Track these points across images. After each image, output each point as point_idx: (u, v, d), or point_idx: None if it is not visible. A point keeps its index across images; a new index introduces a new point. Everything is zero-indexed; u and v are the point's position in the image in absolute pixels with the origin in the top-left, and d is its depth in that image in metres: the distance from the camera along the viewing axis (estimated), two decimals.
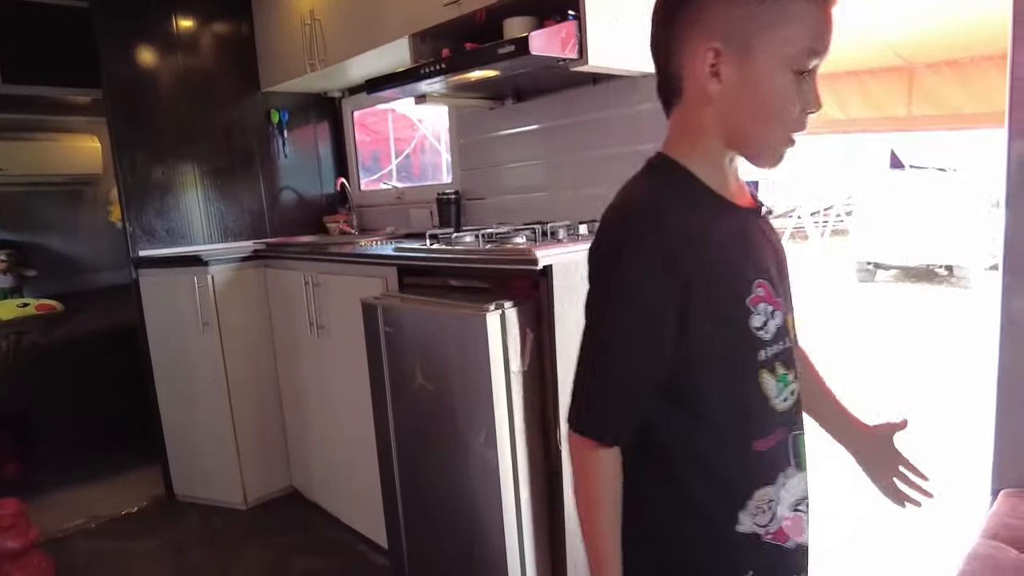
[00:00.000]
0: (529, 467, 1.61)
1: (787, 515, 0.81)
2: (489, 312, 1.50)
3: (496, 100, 2.34)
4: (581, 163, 2.15)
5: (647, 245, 0.73)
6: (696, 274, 0.73)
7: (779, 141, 0.76)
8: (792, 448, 0.82)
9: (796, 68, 0.72)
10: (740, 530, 0.79)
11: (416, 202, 2.79)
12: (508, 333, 1.54)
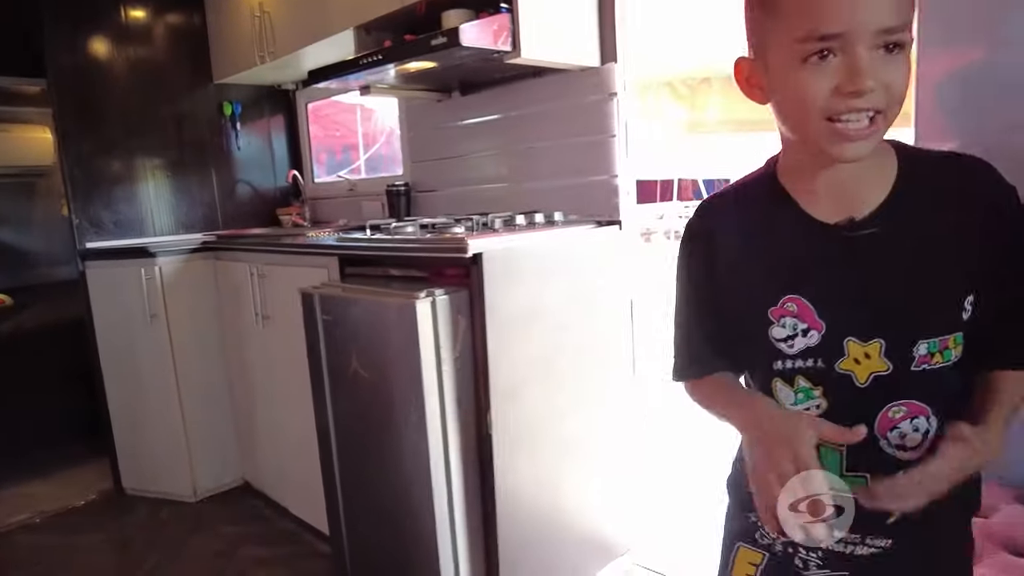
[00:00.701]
0: (461, 451, 1.63)
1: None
2: (419, 300, 1.52)
3: (443, 92, 2.36)
4: (527, 155, 2.18)
5: (691, 229, 0.86)
6: (723, 267, 0.82)
7: (824, 131, 0.70)
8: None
9: (807, 55, 0.68)
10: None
11: (368, 194, 2.80)
12: (439, 320, 1.56)
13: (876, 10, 0.65)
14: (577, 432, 1.85)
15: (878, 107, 0.68)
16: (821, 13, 0.66)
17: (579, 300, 1.82)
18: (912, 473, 0.71)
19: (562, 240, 1.79)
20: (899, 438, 0.77)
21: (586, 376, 1.86)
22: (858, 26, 0.65)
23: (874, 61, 0.66)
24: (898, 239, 0.74)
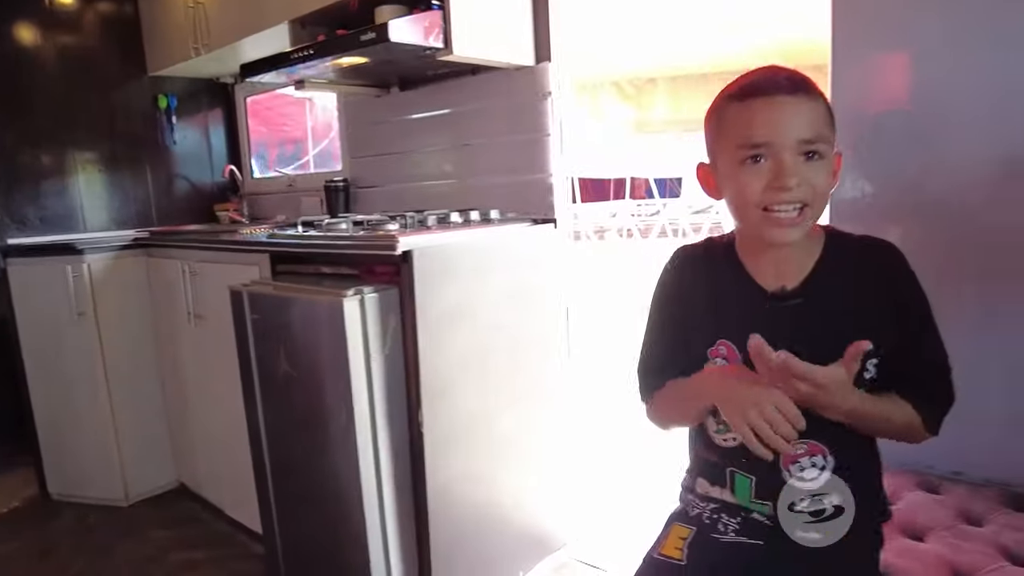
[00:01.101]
0: (392, 449, 1.62)
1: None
2: (347, 298, 1.50)
3: (382, 88, 2.34)
4: (465, 152, 2.17)
5: (666, 272, 1.04)
6: (683, 306, 1.00)
7: (760, 219, 0.88)
8: (730, 480, 0.99)
9: (744, 158, 0.87)
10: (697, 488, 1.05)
11: (307, 190, 2.76)
12: (368, 319, 1.54)
13: (794, 127, 0.85)
14: (512, 429, 1.85)
15: (804, 201, 0.86)
16: (753, 127, 0.86)
17: (513, 298, 1.82)
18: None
19: (496, 238, 1.79)
20: (799, 471, 0.93)
21: (521, 373, 1.87)
22: (780, 137, 0.85)
23: (797, 164, 0.85)
24: (815, 307, 0.90)
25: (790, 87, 0.86)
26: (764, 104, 0.86)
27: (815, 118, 0.86)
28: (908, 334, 0.90)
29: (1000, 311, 1.33)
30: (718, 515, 1.01)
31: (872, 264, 0.92)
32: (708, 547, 0.99)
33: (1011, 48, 1.29)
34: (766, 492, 0.95)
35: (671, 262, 1.05)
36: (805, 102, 0.86)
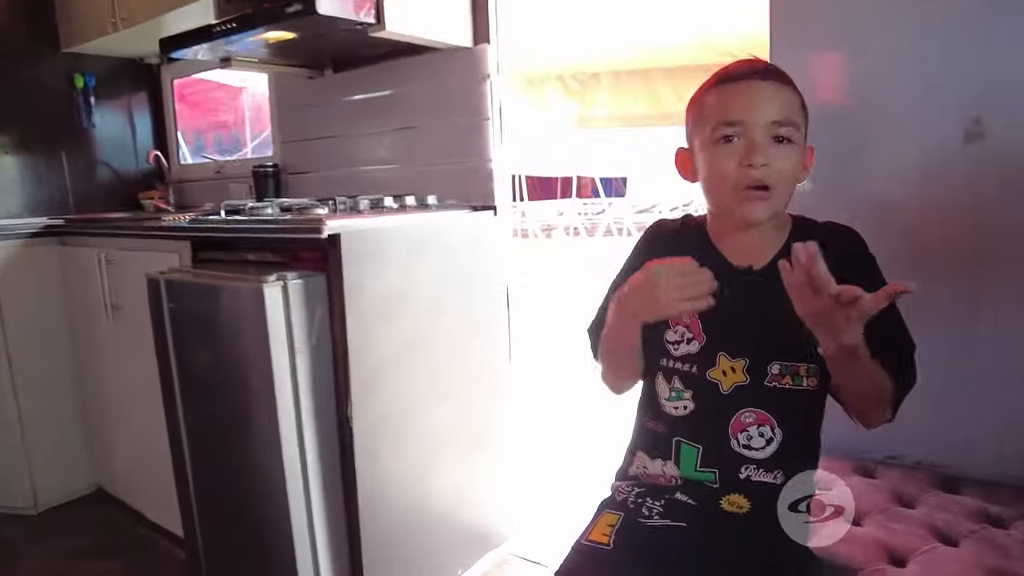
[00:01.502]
0: (319, 444, 1.53)
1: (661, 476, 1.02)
2: (268, 285, 1.41)
3: (315, 69, 2.23)
4: (403, 137, 2.10)
5: (635, 246, 1.08)
6: (636, 257, 1.04)
7: (730, 197, 0.93)
8: (675, 450, 1.00)
9: (718, 138, 0.93)
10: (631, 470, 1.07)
11: (236, 177, 2.62)
12: (292, 307, 1.45)
13: (765, 108, 0.91)
14: (449, 421, 1.78)
15: (770, 183, 0.91)
16: (728, 107, 0.93)
17: (451, 286, 1.75)
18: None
19: (433, 224, 1.71)
20: (747, 439, 0.95)
21: (459, 364, 1.80)
22: (752, 116, 0.91)
23: (766, 145, 0.90)
24: (777, 285, 0.87)
25: (764, 74, 0.93)
26: (739, 87, 0.93)
27: (785, 103, 0.92)
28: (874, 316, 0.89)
29: (925, 304, 1.35)
30: (642, 499, 1.02)
31: (835, 247, 0.91)
32: (635, 532, 0.99)
33: (939, 40, 1.31)
34: (712, 460, 0.97)
35: (645, 234, 1.09)
36: (777, 87, 0.93)
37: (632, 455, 1.08)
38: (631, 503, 1.03)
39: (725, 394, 0.96)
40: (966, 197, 1.32)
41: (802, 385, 0.95)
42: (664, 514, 1.00)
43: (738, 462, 0.96)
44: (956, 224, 1.34)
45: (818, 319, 0.82)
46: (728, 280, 0.95)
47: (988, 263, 1.31)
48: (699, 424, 0.98)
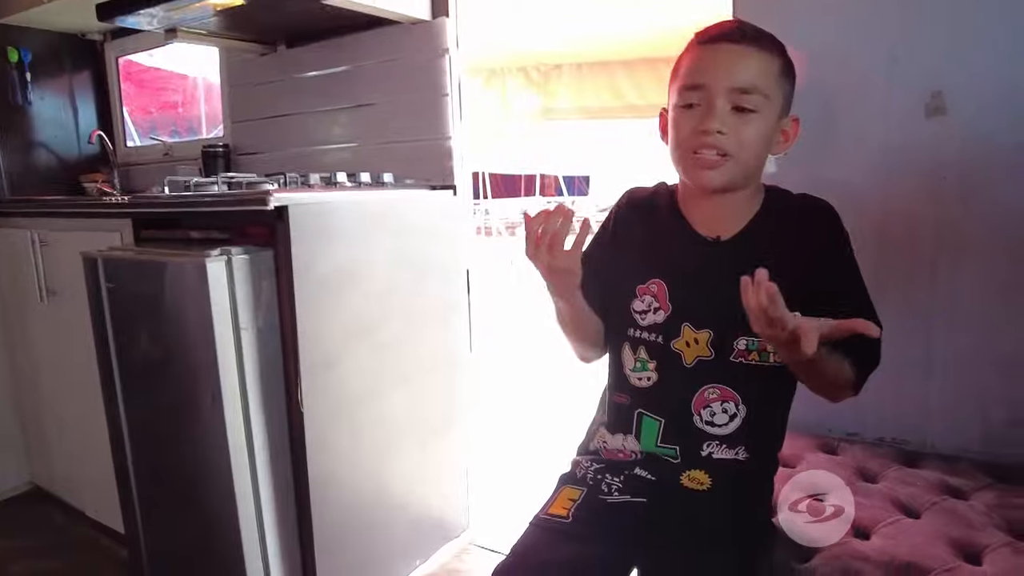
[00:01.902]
0: (268, 431, 1.45)
1: (621, 451, 1.01)
2: (211, 259, 1.32)
3: (267, 45, 2.14)
4: (359, 115, 2.02)
5: (609, 213, 1.06)
6: (621, 240, 1.02)
7: (688, 161, 0.90)
8: (636, 422, 0.99)
9: (684, 103, 0.90)
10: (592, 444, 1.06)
11: (185, 158, 2.50)
12: (237, 283, 1.36)
13: (728, 73, 0.87)
14: (406, 407, 1.72)
15: (726, 150, 0.87)
16: (692, 70, 0.90)
17: (408, 267, 1.68)
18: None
19: (388, 201, 1.64)
20: (710, 416, 0.94)
21: (416, 348, 1.73)
22: (712, 80, 0.87)
23: (725, 112, 0.87)
24: (747, 254, 0.90)
25: (737, 36, 0.88)
26: (708, 49, 0.90)
27: (754, 68, 0.87)
28: (840, 291, 0.90)
29: (888, 285, 1.37)
30: (601, 475, 1.01)
31: (807, 220, 0.93)
32: (595, 507, 0.99)
33: (899, 15, 1.31)
34: (673, 436, 0.96)
35: (618, 202, 1.06)
36: (748, 51, 0.88)
37: (595, 431, 1.07)
38: (591, 479, 1.02)
39: (688, 367, 0.94)
40: (929, 174, 1.32)
41: (768, 361, 0.92)
42: (624, 490, 0.99)
43: (700, 438, 0.95)
44: (919, 203, 1.33)
45: (772, 341, 0.79)
46: (696, 250, 0.95)
47: (949, 244, 1.31)
48: (662, 396, 0.96)
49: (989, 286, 1.28)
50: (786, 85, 0.91)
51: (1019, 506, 1.06)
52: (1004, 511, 1.05)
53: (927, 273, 1.34)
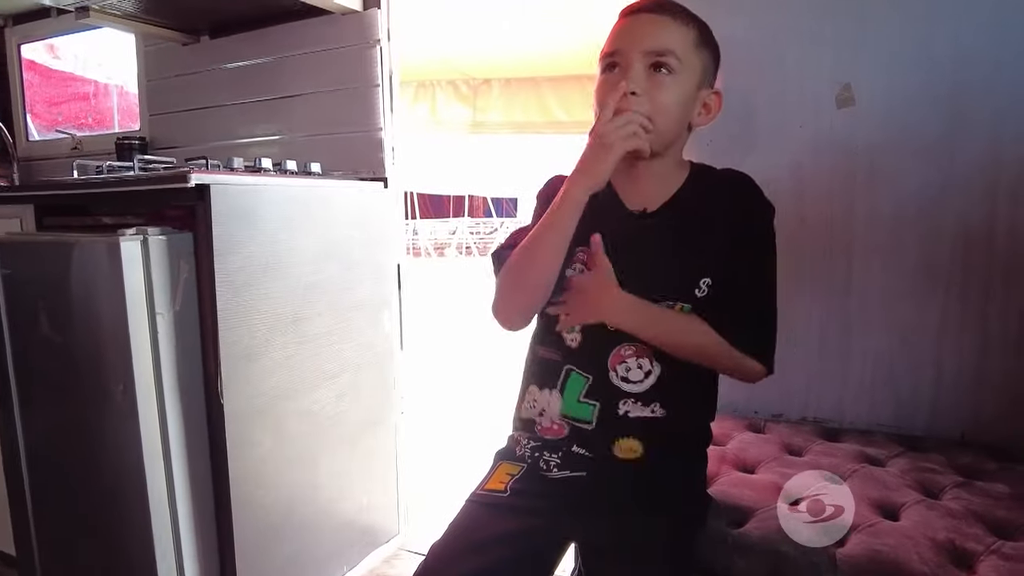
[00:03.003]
0: (184, 427, 1.35)
1: (554, 422, 1.00)
2: (126, 239, 1.24)
3: (190, 35, 2.05)
4: (286, 107, 1.96)
5: (538, 199, 1.06)
6: (541, 210, 0.97)
7: (607, 125, 0.88)
8: (563, 378, 0.99)
9: (604, 67, 0.94)
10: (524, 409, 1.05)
11: (97, 152, 2.35)
12: (154, 266, 1.28)
13: (643, 37, 0.91)
14: (334, 405, 1.65)
15: (644, 112, 0.89)
16: (613, 40, 0.94)
17: (336, 257, 1.63)
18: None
19: (316, 190, 1.59)
20: (625, 371, 0.96)
21: (344, 342, 1.67)
22: (628, 45, 0.92)
23: (640, 75, 0.90)
24: (668, 227, 0.96)
25: (655, 7, 0.93)
26: (627, 20, 0.94)
27: (670, 34, 0.91)
28: (742, 261, 0.93)
29: (804, 272, 1.44)
30: (539, 452, 1.01)
31: (727, 192, 0.96)
32: (534, 480, 1.00)
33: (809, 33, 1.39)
34: (595, 392, 0.97)
35: (543, 189, 1.07)
36: (664, 19, 0.92)
37: (524, 391, 1.06)
38: (528, 457, 1.02)
39: (610, 328, 0.95)
40: (841, 163, 1.38)
41: None
42: (562, 465, 0.99)
43: (616, 395, 0.96)
44: (833, 192, 1.40)
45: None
46: (623, 221, 0.98)
47: (862, 225, 1.38)
48: (586, 355, 0.98)
49: (900, 269, 1.36)
50: (704, 55, 0.95)
51: (928, 469, 1.15)
52: (916, 474, 1.13)
53: (843, 260, 1.41)
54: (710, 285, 0.93)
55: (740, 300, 0.92)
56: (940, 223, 1.32)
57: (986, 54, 1.25)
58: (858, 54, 1.34)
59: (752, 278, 0.94)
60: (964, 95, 1.27)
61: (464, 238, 12.33)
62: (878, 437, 1.31)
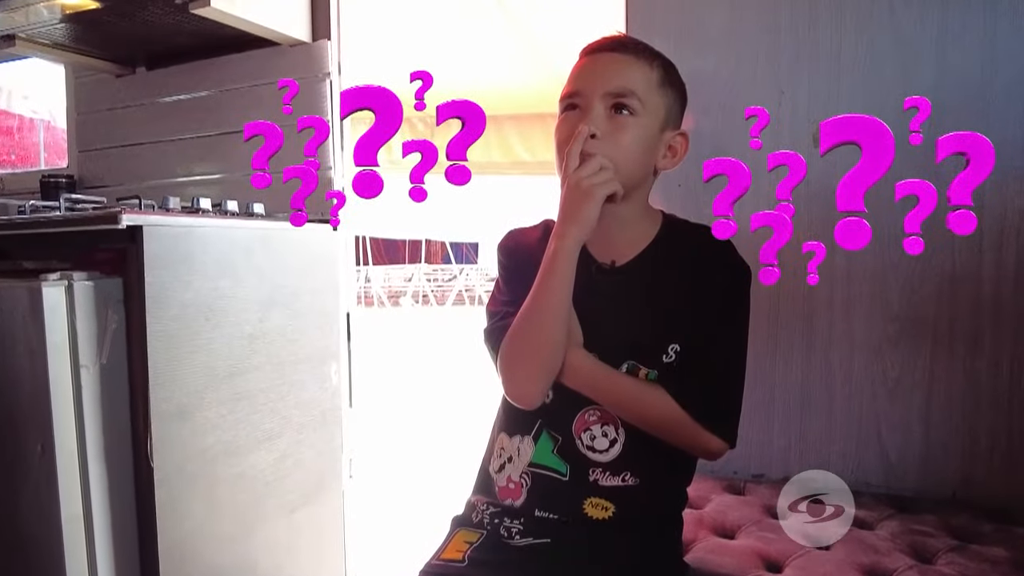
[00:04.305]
0: (108, 493, 1.35)
1: (515, 479, 1.00)
2: (48, 284, 1.25)
3: (124, 66, 2.10)
4: (228, 144, 2.01)
5: (500, 260, 1.09)
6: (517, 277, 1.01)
7: (578, 172, 0.90)
8: (536, 429, 1.00)
9: (563, 109, 0.97)
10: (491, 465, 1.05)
11: (20, 192, 2.36)
12: (79, 314, 1.29)
13: (602, 78, 0.94)
14: (274, 469, 1.65)
15: (606, 154, 0.91)
16: (573, 79, 0.98)
17: (280, 305, 1.65)
18: None
19: (258, 233, 1.62)
20: (590, 440, 0.97)
21: (287, 399, 1.69)
22: (587, 86, 0.94)
23: (601, 116, 0.93)
24: (636, 284, 0.98)
25: (616, 45, 0.97)
26: (588, 59, 0.98)
27: (631, 74, 0.94)
28: (709, 327, 0.95)
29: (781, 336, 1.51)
30: (499, 519, 1.00)
31: (700, 252, 0.97)
32: (494, 549, 0.99)
33: (784, 73, 1.49)
34: (565, 456, 0.98)
35: (503, 244, 1.10)
36: (626, 58, 0.95)
37: (493, 442, 1.06)
38: (488, 524, 1.02)
39: (572, 389, 0.96)
40: (818, 207, 1.46)
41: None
42: (525, 532, 0.98)
43: (585, 464, 0.97)
44: (810, 233, 1.47)
45: None
46: (589, 274, 0.98)
47: (842, 272, 1.45)
48: (556, 415, 0.99)
49: (882, 317, 1.43)
50: (668, 95, 0.97)
51: (920, 532, 1.19)
52: (907, 537, 1.17)
53: (824, 310, 1.47)
54: (678, 352, 0.95)
55: (704, 369, 0.93)
56: (924, 268, 1.38)
57: (967, 95, 1.35)
58: (831, 93, 1.44)
59: (719, 347, 0.95)
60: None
61: (421, 285, 12.33)
62: (866, 498, 1.33)
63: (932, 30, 1.40)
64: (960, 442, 1.38)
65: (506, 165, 4.51)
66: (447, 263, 13.88)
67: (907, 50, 1.41)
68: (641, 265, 0.99)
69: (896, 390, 1.42)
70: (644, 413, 0.93)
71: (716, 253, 0.94)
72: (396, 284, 12.64)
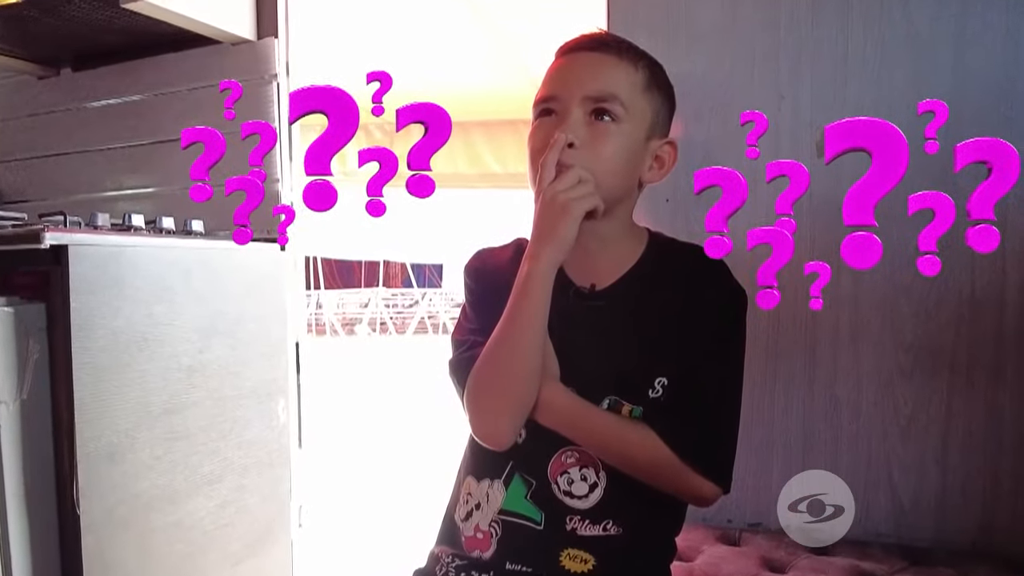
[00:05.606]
0: (29, 544, 1.34)
1: (483, 528, 1.00)
2: None
3: (48, 67, 2.13)
4: (163, 153, 2.02)
5: (467, 285, 1.10)
6: (480, 294, 1.05)
7: (553, 187, 0.89)
8: (507, 472, 1.00)
9: (538, 114, 0.98)
10: (457, 512, 1.05)
11: None
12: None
13: (580, 81, 0.94)
14: (215, 517, 1.66)
15: (584, 166, 0.90)
16: (549, 82, 0.98)
17: (221, 334, 1.67)
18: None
19: (197, 253, 1.64)
20: (567, 484, 0.97)
21: (229, 438, 1.70)
22: (564, 91, 0.94)
23: (579, 123, 0.93)
24: (619, 310, 0.98)
25: (596, 44, 0.97)
26: (565, 59, 0.99)
27: (614, 76, 0.95)
28: (700, 358, 0.95)
29: (780, 379, 1.53)
30: (466, 573, 1.00)
31: (690, 274, 0.98)
32: None
33: (789, 35, 1.52)
34: (540, 502, 0.98)
35: (470, 265, 1.11)
36: (606, 59, 0.96)
37: (459, 486, 1.07)
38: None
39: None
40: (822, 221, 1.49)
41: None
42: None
43: (562, 511, 0.97)
44: (813, 251, 1.50)
45: None
46: (567, 298, 0.98)
47: (848, 294, 1.47)
48: (529, 457, 0.99)
49: (894, 346, 1.44)
50: (655, 100, 0.98)
51: None
52: None
53: (829, 337, 1.48)
54: (665, 386, 0.95)
55: (695, 405, 0.94)
56: (941, 291, 1.39)
57: (988, 98, 1.37)
58: (843, 96, 1.46)
59: (711, 380, 0.95)
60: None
61: (378, 312, 12.31)
62: (876, 549, 1.36)
63: (949, 27, 1.41)
64: (981, 486, 1.39)
65: (474, 177, 4.55)
66: (408, 287, 13.90)
67: (921, 49, 1.42)
68: (624, 289, 0.99)
69: (909, 428, 1.43)
70: (628, 454, 0.93)
71: (708, 274, 0.95)
72: (351, 310, 12.62)
